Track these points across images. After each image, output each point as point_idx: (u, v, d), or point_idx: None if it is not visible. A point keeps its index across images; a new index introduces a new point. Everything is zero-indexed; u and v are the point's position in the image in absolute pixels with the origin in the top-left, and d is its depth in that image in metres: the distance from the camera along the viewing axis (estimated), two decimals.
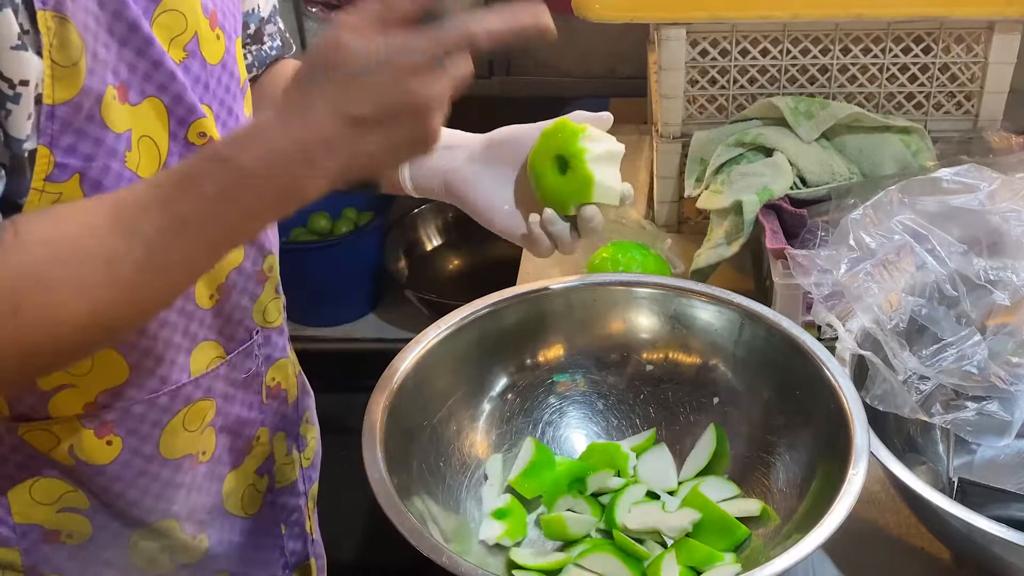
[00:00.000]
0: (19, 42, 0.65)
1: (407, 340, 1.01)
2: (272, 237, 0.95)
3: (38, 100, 0.68)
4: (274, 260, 0.95)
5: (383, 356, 0.98)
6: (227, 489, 0.95)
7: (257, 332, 0.94)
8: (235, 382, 0.92)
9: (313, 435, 1.09)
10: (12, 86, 0.66)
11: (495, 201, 0.94)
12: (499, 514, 0.99)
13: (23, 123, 0.67)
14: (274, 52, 1.02)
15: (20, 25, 0.65)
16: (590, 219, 0.90)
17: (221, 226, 0.69)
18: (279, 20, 1.03)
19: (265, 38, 1.01)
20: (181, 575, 0.94)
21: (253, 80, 1.01)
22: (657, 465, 1.04)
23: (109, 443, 0.84)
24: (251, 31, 0.99)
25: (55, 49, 0.67)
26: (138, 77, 0.74)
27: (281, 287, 0.98)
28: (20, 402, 0.81)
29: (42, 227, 0.67)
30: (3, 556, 0.87)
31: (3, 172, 0.68)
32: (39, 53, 0.66)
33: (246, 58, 0.98)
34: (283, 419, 1.00)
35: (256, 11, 0.99)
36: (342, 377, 1.79)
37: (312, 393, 1.09)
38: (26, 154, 0.69)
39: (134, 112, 0.74)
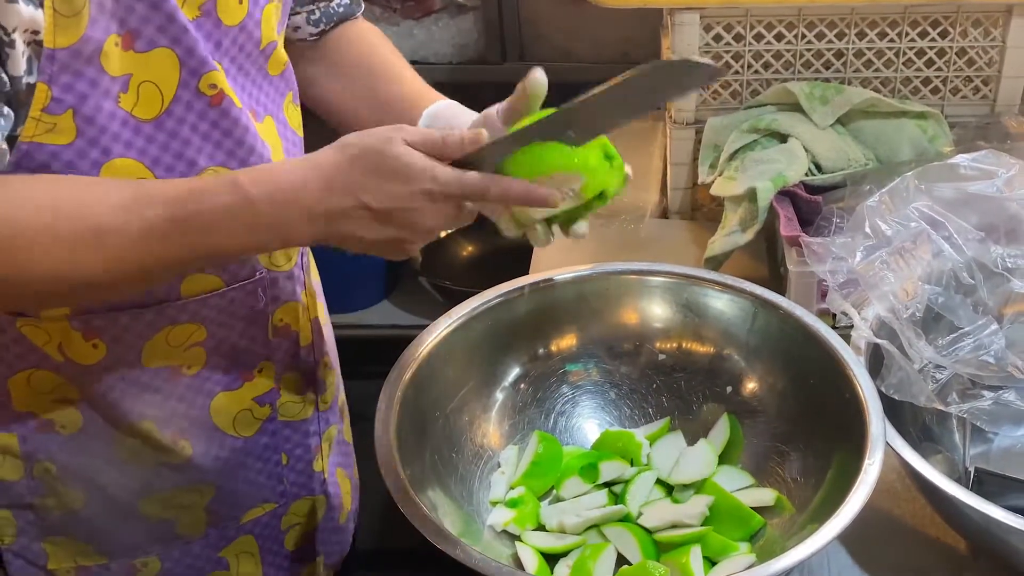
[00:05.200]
0: None
1: (421, 327, 1.02)
2: None
3: (39, 43, 0.76)
4: None
5: (397, 343, 0.99)
6: (216, 406, 1.00)
7: (262, 273, 0.97)
8: (234, 314, 0.97)
9: (332, 381, 1.13)
10: (7, 33, 0.74)
11: None
12: (512, 503, 0.98)
13: (20, 61, 0.76)
14: (341, 9, 1.08)
15: None
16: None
17: (215, 239, 0.80)
18: None
19: None
20: (164, 474, 1.00)
21: (320, 35, 1.08)
22: (671, 453, 1.03)
23: (95, 346, 0.91)
24: None
25: (59, 1, 0.75)
26: (151, 28, 0.81)
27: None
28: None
29: (59, 181, 0.79)
30: (2, 440, 0.95)
31: (8, 109, 0.77)
32: (40, 4, 0.75)
33: (313, 13, 1.06)
34: (294, 359, 1.04)
35: None
36: (356, 364, 1.79)
37: (327, 340, 1.12)
38: (24, 87, 0.77)
39: (138, 59, 0.82)
